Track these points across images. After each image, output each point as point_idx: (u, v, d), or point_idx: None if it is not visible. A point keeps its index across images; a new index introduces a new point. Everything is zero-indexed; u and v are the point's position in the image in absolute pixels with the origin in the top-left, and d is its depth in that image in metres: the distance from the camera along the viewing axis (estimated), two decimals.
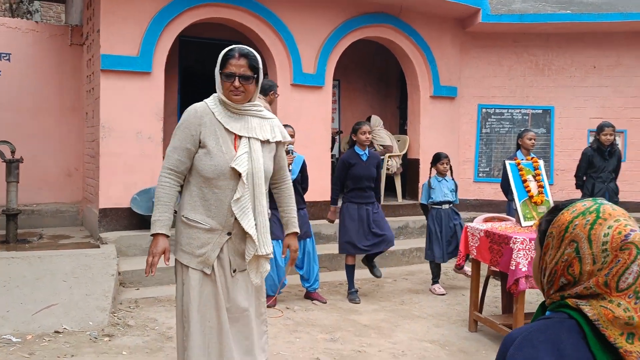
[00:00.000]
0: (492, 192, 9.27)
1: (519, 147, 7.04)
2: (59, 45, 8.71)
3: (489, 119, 9.67)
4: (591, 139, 9.40)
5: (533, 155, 5.64)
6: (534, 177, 5.11)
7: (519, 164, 5.08)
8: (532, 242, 4.33)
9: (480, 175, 9.72)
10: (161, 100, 7.24)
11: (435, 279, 6.58)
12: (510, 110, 9.65)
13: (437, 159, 6.56)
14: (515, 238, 4.34)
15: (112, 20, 6.96)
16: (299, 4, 8.12)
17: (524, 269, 4.26)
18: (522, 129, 7.20)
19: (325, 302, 5.88)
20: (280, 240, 5.81)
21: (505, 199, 7.08)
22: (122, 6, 7.01)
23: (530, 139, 6.90)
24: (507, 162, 5.08)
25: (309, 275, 5.95)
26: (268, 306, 5.62)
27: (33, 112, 8.58)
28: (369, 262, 6.26)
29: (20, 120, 8.47)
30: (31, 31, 8.53)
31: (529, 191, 5.00)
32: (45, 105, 8.65)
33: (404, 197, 9.57)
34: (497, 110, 9.67)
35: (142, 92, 7.12)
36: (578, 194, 7.68)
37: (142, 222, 7.11)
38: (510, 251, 4.37)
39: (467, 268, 6.55)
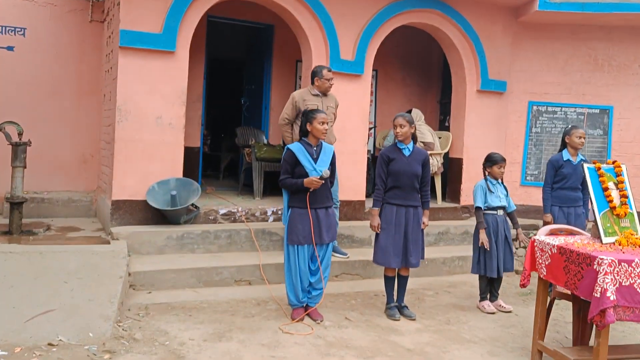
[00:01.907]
0: (541, 197, 8.43)
1: (564, 145, 6.22)
2: (79, 22, 8.07)
3: (540, 118, 8.83)
4: None
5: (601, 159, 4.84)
6: (616, 184, 4.32)
7: (599, 168, 4.29)
8: (622, 264, 3.55)
9: (527, 178, 8.89)
10: (185, 83, 6.56)
11: (484, 295, 5.81)
12: (564, 109, 8.79)
13: (494, 161, 5.76)
14: (601, 259, 3.55)
15: None
16: None
17: (612, 297, 3.48)
18: (570, 126, 6.36)
19: (322, 320, 5.03)
20: (325, 245, 5.11)
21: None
22: None
23: (579, 137, 6.07)
24: (586, 166, 4.28)
25: (320, 285, 5.11)
26: (296, 320, 4.95)
27: (48, 93, 7.95)
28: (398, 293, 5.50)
29: (34, 100, 7.86)
30: (49, 5, 7.88)
31: (610, 201, 4.21)
32: (61, 86, 8.02)
33: (444, 199, 8.79)
34: (550, 109, 8.81)
35: (164, 73, 6.45)
36: None
37: (158, 217, 6.45)
38: (594, 274, 3.59)
39: (502, 302, 5.80)
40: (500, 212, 5.71)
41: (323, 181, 4.92)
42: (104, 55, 7.82)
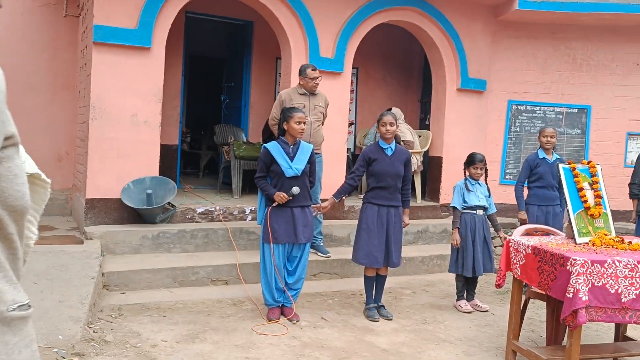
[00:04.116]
0: None
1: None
2: (53, 16, 7.93)
3: (519, 117, 8.85)
4: (630, 142, 8.64)
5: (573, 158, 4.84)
6: (591, 185, 4.32)
7: (574, 168, 4.29)
8: (595, 265, 3.54)
9: (506, 177, 8.91)
10: (161, 80, 6.47)
11: (461, 294, 5.81)
12: (542, 108, 8.82)
13: (470, 162, 5.78)
14: (575, 259, 3.54)
15: None
16: None
17: (584, 298, 3.47)
18: (542, 125, 6.43)
19: (298, 321, 5.00)
20: (302, 245, 5.07)
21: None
22: None
23: (545, 137, 6.16)
24: (561, 166, 4.28)
25: (297, 285, 5.14)
26: (272, 321, 4.91)
27: (21, 89, 7.80)
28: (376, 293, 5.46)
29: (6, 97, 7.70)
30: None
31: (585, 201, 4.21)
32: (35, 82, 7.88)
33: (423, 197, 8.78)
34: (529, 108, 8.84)
35: (140, 69, 6.36)
36: (626, 203, 6.89)
37: (134, 216, 6.36)
38: (567, 275, 3.58)
39: (478, 302, 5.81)
40: (480, 212, 5.71)
41: (291, 197, 4.90)
42: (79, 51, 7.70)
